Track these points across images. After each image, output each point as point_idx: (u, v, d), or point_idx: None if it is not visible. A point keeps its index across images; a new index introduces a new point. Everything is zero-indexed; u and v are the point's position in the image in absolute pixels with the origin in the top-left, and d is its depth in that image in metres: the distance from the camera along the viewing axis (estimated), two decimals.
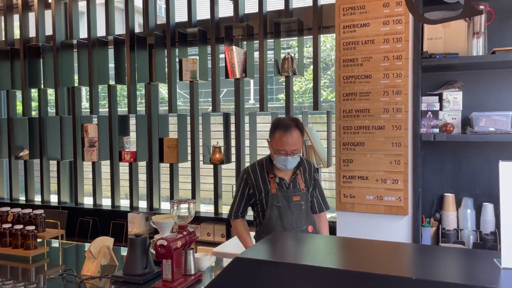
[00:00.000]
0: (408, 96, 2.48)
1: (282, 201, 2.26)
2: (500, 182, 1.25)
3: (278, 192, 2.27)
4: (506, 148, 2.54)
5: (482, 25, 2.38)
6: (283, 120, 2.28)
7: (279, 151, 2.20)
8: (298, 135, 2.21)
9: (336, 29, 2.61)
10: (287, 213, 2.26)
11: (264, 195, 2.28)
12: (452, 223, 2.58)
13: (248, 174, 2.34)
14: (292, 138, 2.18)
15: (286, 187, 2.29)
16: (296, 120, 2.26)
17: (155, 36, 3.38)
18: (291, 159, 2.21)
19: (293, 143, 2.18)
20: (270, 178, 2.30)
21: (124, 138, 3.59)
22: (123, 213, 3.58)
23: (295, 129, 2.20)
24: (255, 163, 2.39)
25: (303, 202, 2.31)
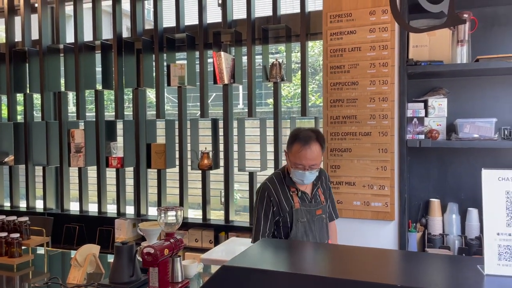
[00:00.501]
0: (394, 103, 2.51)
1: (307, 215, 2.10)
2: (483, 190, 1.27)
3: (301, 207, 2.10)
4: (490, 154, 2.59)
5: (466, 33, 2.42)
6: (303, 131, 2.07)
7: (297, 165, 2.03)
8: (318, 149, 2.02)
9: (323, 36, 2.63)
10: (312, 228, 2.11)
11: (288, 211, 2.08)
12: (437, 228, 2.61)
13: (269, 191, 2.11)
14: (311, 152, 2.00)
15: (309, 201, 2.13)
16: (317, 132, 2.07)
17: (143, 41, 3.37)
18: (309, 174, 2.04)
19: (312, 157, 2.01)
20: (292, 192, 2.11)
21: (111, 144, 3.56)
22: (110, 220, 3.54)
23: (315, 142, 2.01)
24: (272, 177, 2.17)
25: (324, 215, 2.18)
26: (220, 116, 3.29)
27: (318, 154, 2.02)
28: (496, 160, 2.59)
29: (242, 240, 2.89)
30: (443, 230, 2.61)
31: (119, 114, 3.45)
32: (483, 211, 1.25)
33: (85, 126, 3.57)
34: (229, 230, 3.18)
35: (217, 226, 3.22)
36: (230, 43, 3.27)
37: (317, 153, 2.02)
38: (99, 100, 3.54)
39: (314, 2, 3.28)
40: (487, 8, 2.57)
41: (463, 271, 1.27)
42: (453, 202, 2.62)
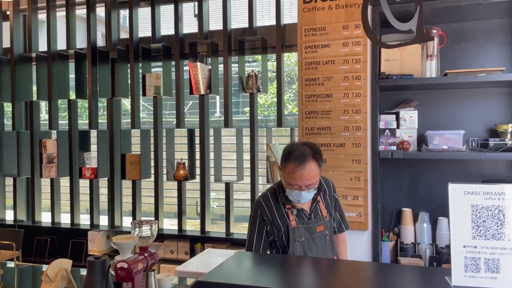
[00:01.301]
0: (367, 115, 2.57)
1: (305, 234, 1.94)
2: (450, 203, 1.32)
3: (299, 225, 1.93)
4: (459, 164, 2.67)
5: (435, 48, 2.51)
6: (297, 148, 1.88)
7: (292, 185, 1.87)
8: (315, 167, 1.86)
9: (298, 49, 2.68)
10: (312, 248, 1.94)
11: (284, 230, 1.93)
12: (409, 237, 2.67)
13: (262, 209, 1.97)
14: (307, 172, 1.83)
15: (307, 217, 1.96)
16: (313, 148, 1.89)
17: (118, 51, 3.34)
18: (305, 194, 1.88)
19: (308, 177, 1.84)
20: (288, 209, 1.95)
21: (85, 154, 3.50)
22: (83, 231, 3.47)
23: (311, 161, 1.84)
24: (266, 194, 2.01)
25: (327, 231, 2.00)
26: (196, 124, 3.28)
27: (315, 173, 1.86)
28: (465, 171, 2.68)
29: (218, 251, 2.88)
30: (415, 239, 2.67)
31: (93, 124, 3.40)
32: (450, 224, 1.29)
33: (57, 136, 3.51)
34: (205, 241, 3.17)
35: (193, 237, 3.21)
36: (206, 54, 3.28)
37: (314, 172, 1.86)
38: (73, 110, 3.49)
39: (290, 14, 3.33)
40: (454, 24, 2.67)
41: (431, 283, 1.31)
42: (424, 211, 2.69)
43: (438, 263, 2.51)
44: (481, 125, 2.65)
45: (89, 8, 3.41)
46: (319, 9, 2.62)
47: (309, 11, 2.64)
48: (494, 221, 1.26)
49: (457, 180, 2.69)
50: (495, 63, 2.61)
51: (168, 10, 3.42)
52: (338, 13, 2.58)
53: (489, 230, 1.25)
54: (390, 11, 1.74)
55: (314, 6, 2.63)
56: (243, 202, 5.60)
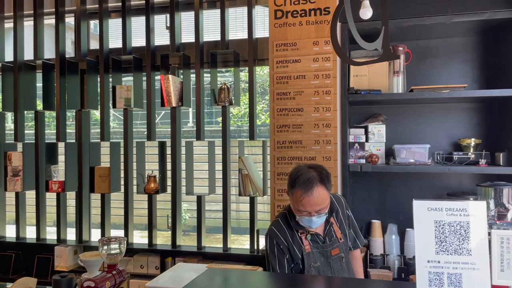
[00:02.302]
0: (337, 129, 2.62)
1: (320, 259, 1.89)
2: (414, 219, 1.36)
3: (313, 250, 1.88)
4: (425, 177, 2.76)
5: (401, 64, 2.59)
6: (303, 173, 1.81)
7: (301, 211, 1.81)
8: (324, 192, 1.78)
9: (269, 64, 2.71)
10: (327, 272, 1.88)
11: (301, 258, 1.88)
12: (379, 249, 2.72)
13: (277, 238, 1.90)
14: (315, 198, 1.76)
15: (322, 241, 1.91)
16: (320, 172, 1.81)
17: (88, 62, 3.28)
18: (316, 219, 1.81)
19: (317, 203, 1.77)
20: (301, 234, 1.90)
21: (52, 167, 3.41)
22: (49, 247, 3.36)
23: (318, 186, 1.77)
24: (278, 221, 1.95)
25: (343, 253, 1.94)
26: (168, 134, 3.24)
27: (324, 197, 1.78)
28: (431, 183, 2.76)
29: (190, 266, 2.84)
30: (384, 250, 2.73)
31: (61, 136, 3.32)
32: (415, 240, 1.33)
33: (23, 149, 3.40)
34: (176, 255, 3.13)
35: (163, 251, 3.16)
36: (178, 66, 3.27)
37: (323, 197, 1.78)
38: (40, 121, 3.39)
39: (263, 29, 3.36)
40: (420, 41, 2.78)
41: None
42: (392, 223, 2.75)
43: (406, 274, 2.56)
44: (446, 139, 2.75)
45: (58, 18, 3.34)
46: (290, 25, 2.66)
47: (280, 26, 2.68)
48: (456, 236, 1.30)
49: (424, 192, 2.78)
50: (458, 79, 2.73)
51: (140, 22, 3.39)
52: (308, 29, 2.63)
53: (451, 246, 1.29)
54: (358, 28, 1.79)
55: (285, 22, 2.67)
56: (216, 213, 5.56)
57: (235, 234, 5.54)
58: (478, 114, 2.71)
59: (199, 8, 3.09)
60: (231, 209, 3.28)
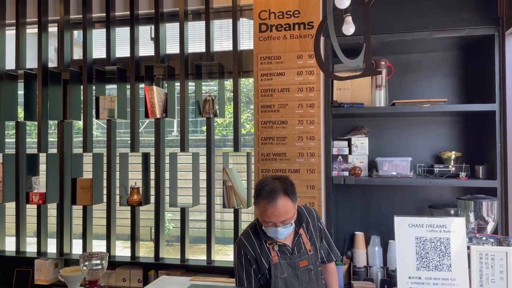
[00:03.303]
0: (321, 142, 2.64)
1: (287, 270, 1.90)
2: (396, 235, 1.38)
3: (281, 261, 1.90)
4: (408, 189, 2.79)
5: (383, 78, 2.63)
6: (267, 184, 1.83)
7: (266, 222, 1.82)
8: (287, 203, 1.80)
9: (254, 77, 2.72)
10: (294, 284, 1.89)
11: (268, 268, 1.90)
12: (362, 261, 2.74)
13: (245, 248, 1.93)
14: (278, 209, 1.77)
15: (290, 253, 1.92)
16: (284, 183, 1.83)
17: (71, 72, 3.25)
18: (282, 230, 1.82)
19: (280, 214, 1.78)
20: (269, 245, 1.91)
21: (33, 178, 3.35)
22: (29, 260, 3.29)
23: (281, 196, 1.79)
24: (247, 231, 1.97)
25: (312, 266, 1.95)
26: (152, 143, 3.20)
27: (287, 208, 1.79)
28: (413, 195, 2.80)
29: (173, 279, 2.81)
30: (367, 262, 2.74)
31: (42, 147, 3.27)
32: (397, 256, 1.35)
33: (3, 159, 3.33)
34: (159, 267, 3.09)
35: (146, 264, 3.12)
36: (163, 77, 3.26)
37: (286, 208, 1.79)
38: (21, 132, 3.34)
39: (249, 39, 3.38)
40: (402, 56, 2.83)
41: None
42: (375, 235, 2.77)
43: (389, 285, 2.58)
44: (427, 152, 2.80)
45: (41, 27, 3.31)
46: (275, 39, 2.69)
47: (265, 40, 2.70)
48: (437, 252, 1.32)
49: (406, 204, 2.82)
50: (440, 93, 2.78)
51: (124, 32, 3.38)
52: (292, 43, 2.66)
53: (432, 262, 1.31)
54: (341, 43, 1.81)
55: (269, 35, 2.69)
56: (200, 222, 5.52)
57: (219, 244, 5.51)
58: (459, 127, 2.76)
59: (184, 19, 3.10)
60: (216, 219, 3.27)
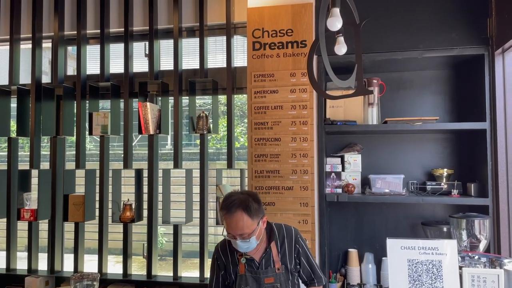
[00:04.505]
0: (314, 159, 2.65)
1: (253, 284, 1.95)
2: (388, 257, 1.38)
3: (247, 273, 1.96)
4: (400, 206, 2.80)
5: (375, 96, 2.66)
6: (231, 196, 1.90)
7: (227, 232, 1.89)
8: (244, 218, 1.83)
9: (247, 94, 2.74)
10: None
11: (234, 277, 1.98)
12: (355, 278, 2.73)
13: (218, 254, 2.04)
14: (235, 221, 1.83)
15: (256, 267, 1.97)
16: (246, 199, 1.87)
17: (64, 88, 3.25)
18: (241, 243, 1.86)
19: (236, 227, 1.83)
20: (239, 255, 1.99)
21: (24, 195, 3.32)
22: (19, 278, 3.24)
23: (237, 211, 1.83)
24: (224, 239, 2.03)
25: (279, 284, 1.96)
26: (146, 157, 3.18)
27: (243, 223, 1.82)
28: (406, 212, 2.81)
29: None
30: (361, 279, 2.74)
31: (35, 163, 3.24)
32: (389, 279, 1.35)
33: None
34: (151, 285, 3.06)
35: (138, 282, 3.08)
36: (156, 93, 3.26)
37: (243, 223, 1.82)
38: (13, 148, 3.32)
39: (243, 54, 3.39)
40: (394, 73, 2.86)
41: None
42: (369, 252, 2.77)
43: None
44: (420, 169, 2.81)
45: (35, 43, 3.31)
46: (268, 57, 2.71)
47: (258, 58, 2.72)
48: (429, 275, 1.32)
49: (399, 221, 2.82)
50: (431, 110, 2.81)
51: (118, 48, 3.39)
52: (285, 61, 2.69)
53: (424, 284, 1.31)
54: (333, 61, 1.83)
55: (263, 53, 2.72)
56: (193, 237, 5.47)
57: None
58: (450, 144, 2.78)
59: (178, 36, 3.12)
60: (209, 233, 3.24)
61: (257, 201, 1.91)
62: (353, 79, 1.71)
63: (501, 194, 2.36)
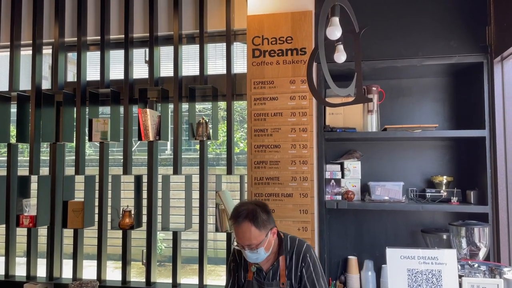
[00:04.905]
0: (313, 166, 2.65)
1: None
2: (388, 267, 1.38)
3: (254, 281, 2.00)
4: (400, 213, 2.79)
5: (375, 104, 2.67)
6: (241, 205, 1.95)
7: (237, 241, 1.93)
8: (251, 229, 1.85)
9: (247, 101, 2.74)
10: None
11: (244, 281, 2.04)
12: (355, 285, 2.72)
13: (233, 257, 2.12)
14: (242, 232, 1.87)
15: (264, 277, 2.00)
16: (253, 210, 1.89)
17: (64, 94, 3.25)
18: (249, 254, 1.89)
19: (243, 237, 1.86)
20: (250, 263, 2.04)
21: (24, 201, 3.31)
22: (18, 284, 3.23)
23: (244, 222, 1.86)
24: None
25: None
26: (145, 162, 3.18)
27: (250, 234, 1.85)
28: (405, 219, 2.80)
29: None
30: (361, 286, 2.73)
31: (34, 169, 3.24)
32: (388, 285, 1.34)
33: None
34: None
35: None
36: (156, 100, 3.27)
37: (250, 234, 1.85)
38: (12, 154, 3.32)
39: (243, 60, 3.39)
40: (393, 81, 2.87)
41: None
42: (368, 259, 2.76)
43: None
44: (419, 176, 2.81)
45: (35, 50, 3.32)
46: (268, 64, 2.72)
47: (258, 65, 2.73)
48: (429, 285, 1.32)
49: (399, 228, 2.82)
50: (430, 118, 2.81)
51: (118, 54, 3.40)
52: (285, 68, 2.69)
53: None
54: (333, 69, 1.84)
55: (262, 60, 2.73)
56: (192, 243, 5.46)
57: (211, 265, 5.45)
58: (450, 152, 2.78)
59: (178, 43, 3.12)
60: (208, 239, 3.24)
61: (266, 212, 1.93)
62: (353, 87, 1.72)
63: (501, 201, 2.36)
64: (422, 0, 2.59)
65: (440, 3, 2.57)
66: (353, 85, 1.74)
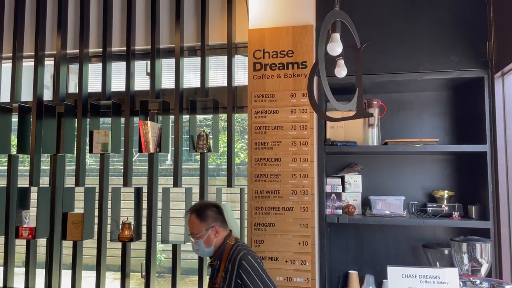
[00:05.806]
0: (314, 180, 2.64)
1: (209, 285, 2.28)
2: (389, 284, 1.36)
3: (209, 277, 2.29)
4: (401, 228, 2.78)
5: (376, 117, 2.67)
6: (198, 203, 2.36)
7: None
8: (193, 219, 2.21)
9: (248, 114, 2.74)
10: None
11: None
12: None
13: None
14: (188, 221, 2.25)
15: (211, 274, 2.26)
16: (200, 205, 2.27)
17: (65, 106, 3.26)
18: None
19: (188, 226, 2.24)
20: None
21: (23, 212, 3.30)
22: None
23: (191, 213, 2.24)
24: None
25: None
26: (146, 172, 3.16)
27: (191, 223, 2.20)
28: (406, 234, 2.78)
29: None
30: None
31: (34, 181, 3.23)
32: None
33: None
34: None
35: None
36: (157, 112, 3.27)
37: (191, 223, 2.20)
38: (13, 165, 3.31)
39: (244, 71, 3.40)
40: (394, 94, 2.87)
41: None
42: (369, 274, 2.74)
43: None
44: (420, 190, 2.80)
45: (37, 61, 3.33)
46: (268, 77, 2.72)
47: (259, 78, 2.74)
48: None
49: (400, 243, 2.80)
50: (431, 131, 2.81)
51: (120, 66, 3.41)
52: (286, 81, 2.70)
53: None
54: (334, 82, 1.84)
55: (263, 74, 2.73)
56: (192, 253, 5.42)
57: None
58: (451, 166, 2.77)
59: (179, 55, 3.14)
60: None
61: (214, 211, 2.24)
62: (354, 102, 1.72)
63: (502, 217, 2.34)
64: (423, 15, 2.60)
65: (441, 18, 2.58)
66: (354, 100, 1.74)
